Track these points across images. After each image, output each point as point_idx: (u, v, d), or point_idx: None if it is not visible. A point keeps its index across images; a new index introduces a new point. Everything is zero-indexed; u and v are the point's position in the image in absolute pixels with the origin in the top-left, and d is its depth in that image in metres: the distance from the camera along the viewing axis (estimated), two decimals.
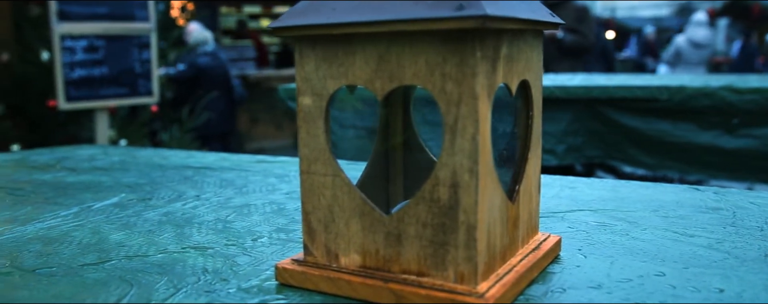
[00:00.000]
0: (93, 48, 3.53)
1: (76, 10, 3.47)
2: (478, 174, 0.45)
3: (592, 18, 3.99)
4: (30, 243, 0.67)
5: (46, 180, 1.01)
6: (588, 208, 0.77)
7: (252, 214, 0.77)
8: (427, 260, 0.48)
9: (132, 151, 1.30)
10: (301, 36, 0.50)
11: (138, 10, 3.67)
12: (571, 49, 3.76)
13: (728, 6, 11.41)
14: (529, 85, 0.54)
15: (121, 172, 1.07)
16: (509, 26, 0.46)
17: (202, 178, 1.00)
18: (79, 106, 3.55)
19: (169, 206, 0.82)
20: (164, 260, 0.60)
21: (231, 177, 1.00)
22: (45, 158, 1.25)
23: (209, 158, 1.19)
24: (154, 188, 0.93)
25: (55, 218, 0.77)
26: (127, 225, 0.73)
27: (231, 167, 1.08)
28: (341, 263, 0.52)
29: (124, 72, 3.65)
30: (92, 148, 1.38)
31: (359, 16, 0.46)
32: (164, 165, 1.12)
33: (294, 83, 2.33)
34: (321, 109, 0.51)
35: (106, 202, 0.85)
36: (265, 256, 0.61)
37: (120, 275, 0.56)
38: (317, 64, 0.50)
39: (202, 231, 0.70)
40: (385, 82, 0.48)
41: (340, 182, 0.51)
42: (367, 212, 0.50)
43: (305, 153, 0.52)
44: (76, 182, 0.99)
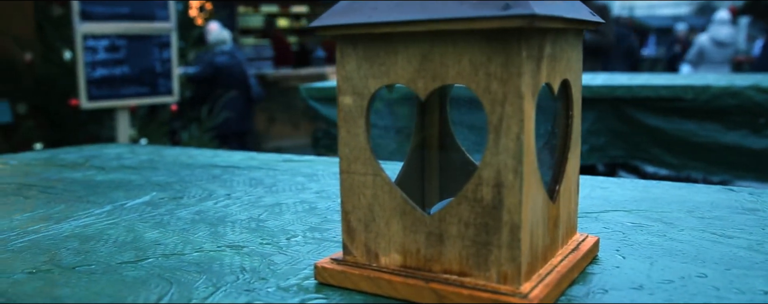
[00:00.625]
0: (114, 47, 3.56)
1: (98, 10, 3.50)
2: (523, 174, 0.45)
3: (611, 18, 3.97)
4: (67, 241, 0.68)
5: (76, 178, 1.02)
6: (621, 208, 0.76)
7: (284, 213, 0.77)
8: (470, 259, 0.48)
9: (159, 149, 1.31)
10: (342, 35, 0.50)
11: (158, 9, 3.70)
12: (590, 48, 3.74)
13: (749, 4, 11.28)
14: (569, 84, 0.54)
15: (150, 170, 1.08)
16: (553, 25, 0.46)
17: (231, 177, 1.00)
18: (101, 106, 3.58)
19: (200, 204, 0.82)
20: (201, 258, 0.60)
21: (259, 176, 1.00)
22: (73, 156, 1.26)
23: (236, 157, 1.19)
24: (184, 186, 0.94)
25: (89, 216, 0.78)
26: (160, 224, 0.73)
27: (258, 166, 1.09)
28: (381, 263, 0.51)
29: (145, 71, 3.68)
30: (119, 146, 1.39)
31: (402, 15, 0.46)
32: (192, 164, 1.13)
33: (314, 83, 2.34)
34: (362, 109, 0.51)
35: (137, 200, 0.85)
36: (301, 255, 0.61)
37: (158, 274, 0.56)
38: (358, 63, 0.50)
39: (236, 230, 0.70)
40: (427, 82, 0.47)
41: (381, 181, 0.51)
42: (408, 212, 0.50)
43: (345, 152, 0.52)
44: (107, 181, 1.00)
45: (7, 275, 0.57)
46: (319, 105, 2.34)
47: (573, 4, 0.51)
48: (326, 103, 2.33)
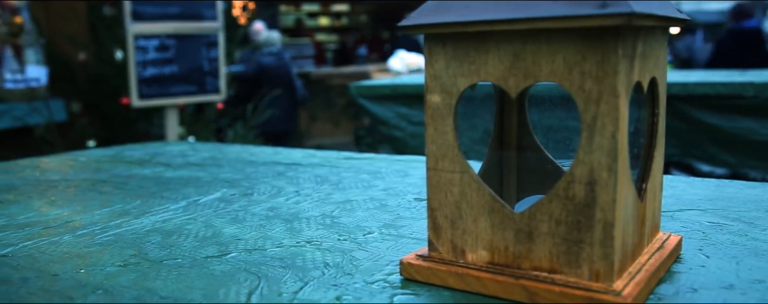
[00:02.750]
0: (164, 47, 3.64)
1: (149, 10, 3.58)
2: (617, 172, 0.45)
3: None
4: (149, 235, 0.70)
5: (146, 175, 1.05)
6: (696, 207, 0.75)
7: (355, 210, 0.78)
8: (560, 257, 0.48)
9: (220, 147, 1.34)
10: (431, 34, 0.51)
11: (206, 9, 3.76)
12: None
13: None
14: (657, 82, 0.53)
15: (215, 168, 1.10)
16: (647, 23, 0.46)
17: (296, 174, 1.02)
18: (151, 104, 3.66)
19: (271, 201, 0.84)
20: (283, 253, 0.62)
21: (324, 173, 1.01)
22: (138, 153, 1.29)
23: (296, 154, 1.21)
24: (252, 183, 0.95)
25: (166, 211, 0.80)
26: (236, 219, 0.75)
27: (321, 163, 1.10)
28: (468, 259, 0.52)
29: (193, 70, 3.74)
30: (180, 144, 1.42)
31: (495, 14, 0.47)
32: (254, 161, 1.15)
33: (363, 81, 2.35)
34: (450, 107, 0.51)
35: (210, 197, 0.87)
36: (381, 251, 0.62)
37: (245, 268, 0.58)
38: (447, 62, 0.51)
39: (312, 226, 0.71)
40: (519, 80, 0.48)
41: (469, 178, 0.51)
42: (496, 209, 0.50)
43: (433, 150, 0.53)
44: (176, 177, 1.02)
45: (99, 267, 0.60)
46: (369, 103, 2.36)
47: (663, 2, 0.51)
48: (375, 101, 2.35)
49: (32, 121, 3.67)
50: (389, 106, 2.33)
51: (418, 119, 2.31)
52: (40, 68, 3.86)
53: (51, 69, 3.91)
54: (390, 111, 2.33)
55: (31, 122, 3.67)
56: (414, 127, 2.31)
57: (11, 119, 3.66)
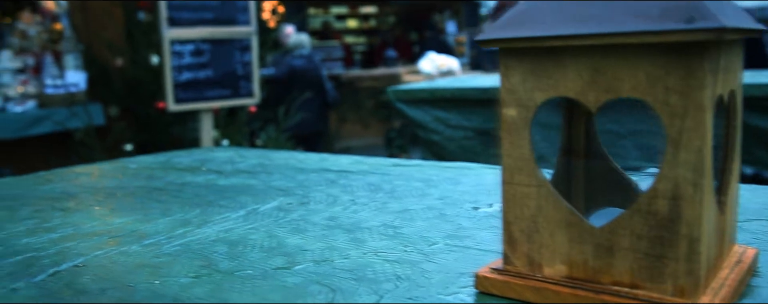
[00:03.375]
0: (199, 52, 3.68)
1: (184, 15, 3.63)
2: (703, 187, 0.44)
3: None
4: (215, 245, 0.71)
5: (199, 182, 1.07)
6: (764, 217, 0.74)
7: (414, 219, 0.78)
8: (642, 272, 0.47)
9: (266, 154, 1.35)
10: (507, 48, 0.51)
11: (240, 14, 3.80)
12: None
13: None
14: (735, 95, 0.53)
15: (265, 175, 1.11)
16: (732, 37, 0.45)
17: (348, 182, 1.02)
18: (187, 108, 3.70)
19: (329, 210, 0.84)
20: (351, 265, 0.62)
21: (376, 181, 1.02)
22: (187, 160, 1.31)
23: (344, 161, 1.22)
24: (306, 191, 0.96)
25: (226, 220, 0.81)
26: (298, 229, 0.76)
27: (370, 171, 1.11)
28: (545, 273, 0.52)
29: (227, 74, 3.78)
30: (226, 150, 1.44)
31: (574, 29, 0.47)
32: (304, 169, 1.16)
33: (401, 85, 2.35)
34: (526, 121, 0.51)
35: (267, 205, 0.88)
36: (449, 263, 0.62)
37: (316, 280, 0.59)
38: (524, 76, 0.51)
39: (374, 236, 0.72)
40: (599, 95, 0.48)
41: (546, 192, 0.51)
42: (574, 223, 0.50)
43: (508, 163, 0.53)
44: (229, 185, 1.03)
45: (173, 278, 0.61)
46: (406, 107, 2.37)
47: (741, 12, 0.50)
48: (413, 105, 2.35)
49: (72, 125, 3.75)
50: (427, 110, 2.34)
51: (455, 123, 2.31)
52: (79, 73, 3.93)
53: (89, 74, 3.98)
54: (428, 115, 2.34)
55: (71, 126, 3.74)
56: (451, 131, 2.32)
57: (52, 123, 3.73)
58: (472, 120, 2.29)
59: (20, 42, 4.00)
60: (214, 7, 3.74)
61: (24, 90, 3.82)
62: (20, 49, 3.98)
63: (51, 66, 3.99)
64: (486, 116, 2.25)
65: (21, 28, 4.02)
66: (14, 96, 3.77)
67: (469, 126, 2.29)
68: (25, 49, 4.00)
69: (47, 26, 4.12)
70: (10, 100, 3.75)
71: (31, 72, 3.95)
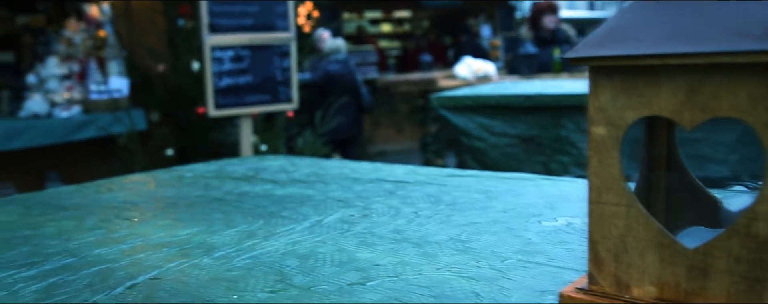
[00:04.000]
0: (239, 58, 3.72)
1: (225, 22, 3.67)
2: None
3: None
4: (285, 259, 0.71)
5: (257, 192, 1.08)
6: None
7: (481, 233, 0.78)
8: (740, 295, 0.46)
9: (318, 163, 1.36)
10: (596, 66, 0.50)
11: (279, 20, 3.83)
12: None
13: None
14: None
15: (322, 185, 1.11)
16: None
17: (407, 192, 1.02)
18: (227, 113, 3.75)
19: (393, 222, 0.84)
20: (427, 281, 0.62)
21: (434, 192, 1.01)
22: (240, 169, 1.33)
23: (398, 171, 1.22)
24: (366, 203, 0.96)
25: (292, 232, 0.82)
26: (365, 243, 0.76)
27: (427, 181, 1.10)
28: (634, 294, 0.51)
29: (267, 80, 3.82)
30: (277, 158, 1.45)
31: (672, 48, 0.46)
32: (359, 178, 1.16)
33: (444, 92, 2.34)
34: (616, 140, 0.51)
35: (330, 217, 0.88)
36: (526, 280, 0.61)
37: (395, 297, 0.58)
38: (614, 94, 0.50)
39: (445, 251, 0.71)
40: (696, 114, 0.47)
41: (636, 212, 0.50)
42: (665, 244, 0.49)
43: (596, 183, 0.52)
44: (287, 195, 1.04)
45: (250, 293, 0.61)
46: (450, 114, 2.36)
47: None
48: (457, 111, 2.35)
49: (115, 130, 3.82)
50: (470, 117, 2.33)
51: (499, 130, 2.30)
52: (122, 79, 4.01)
53: (132, 80, 4.05)
54: (471, 122, 2.33)
55: (114, 131, 3.81)
56: (495, 138, 2.30)
57: (96, 129, 3.81)
58: (516, 127, 2.27)
59: (66, 49, 4.10)
60: (253, 13, 3.78)
61: (70, 96, 3.90)
62: (66, 56, 4.08)
63: (95, 72, 4.08)
64: (530, 123, 2.23)
65: (67, 36, 4.11)
66: (60, 102, 3.86)
67: (513, 133, 2.27)
68: (70, 55, 4.09)
69: (92, 33, 4.21)
70: (56, 106, 3.84)
71: (77, 78, 4.04)
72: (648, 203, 0.63)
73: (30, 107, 3.82)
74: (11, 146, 3.66)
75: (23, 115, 3.87)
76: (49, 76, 3.98)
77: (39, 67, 4.06)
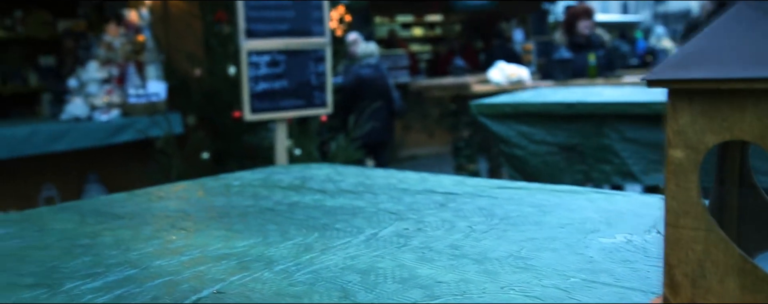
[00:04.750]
0: (275, 63, 3.76)
1: (261, 27, 3.71)
2: None
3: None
4: (345, 274, 0.71)
5: (308, 203, 1.08)
6: None
7: (541, 249, 0.77)
8: None
9: (363, 171, 1.36)
10: (676, 89, 0.50)
11: (315, 25, 3.85)
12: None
13: None
14: None
15: (371, 196, 1.12)
16: None
17: (458, 205, 1.02)
18: (262, 118, 3.78)
19: (449, 237, 0.84)
20: (493, 301, 0.62)
21: (486, 205, 1.01)
22: (287, 177, 1.33)
23: (446, 181, 1.21)
24: (419, 216, 0.96)
25: (348, 246, 0.82)
26: (424, 258, 0.76)
27: (476, 193, 1.10)
28: None
29: (302, 84, 3.84)
30: (322, 167, 1.45)
31: (758, 72, 0.45)
32: (407, 189, 1.16)
33: (483, 99, 2.31)
34: (694, 163, 0.50)
35: (385, 230, 0.89)
36: (593, 301, 0.61)
37: None
38: (693, 117, 0.49)
39: (505, 268, 0.71)
40: None
41: (715, 237, 0.49)
42: (747, 270, 0.48)
43: (673, 206, 0.51)
44: (338, 207, 1.04)
45: None
46: (489, 121, 2.35)
47: None
48: (496, 119, 2.34)
49: (153, 133, 3.87)
50: (510, 125, 2.32)
51: (539, 138, 2.28)
52: (159, 83, 4.07)
53: (169, 84, 4.11)
54: (511, 129, 2.32)
55: (152, 134, 3.86)
56: (535, 146, 2.29)
57: (134, 132, 3.87)
58: (557, 136, 2.26)
59: (106, 53, 4.17)
60: (290, 18, 3.81)
61: (109, 99, 3.97)
62: (106, 60, 4.15)
63: (134, 76, 4.14)
64: (571, 132, 2.21)
65: (107, 40, 4.19)
66: (100, 105, 3.93)
67: (554, 142, 2.25)
68: (110, 60, 4.16)
69: (131, 38, 4.28)
70: (96, 110, 3.91)
71: (116, 82, 4.11)
72: (721, 222, 0.61)
73: (71, 111, 3.90)
74: (53, 149, 3.73)
75: (64, 118, 3.95)
76: (90, 80, 4.05)
77: (80, 71, 4.14)
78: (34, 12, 5.81)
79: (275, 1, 3.77)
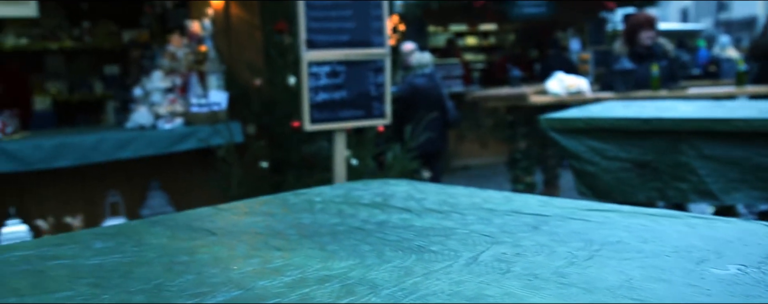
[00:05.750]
0: (335, 73, 3.78)
1: (322, 38, 3.74)
2: None
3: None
4: (454, 301, 0.71)
5: (396, 222, 1.08)
6: None
7: (652, 280, 0.75)
8: None
9: (444, 189, 1.35)
10: None
11: (375, 36, 3.87)
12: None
13: None
14: None
15: (459, 216, 1.11)
16: None
17: (551, 228, 1.00)
18: (322, 128, 3.81)
19: (551, 263, 0.82)
20: None
21: (580, 229, 0.99)
22: (366, 194, 1.33)
23: (531, 201, 1.20)
24: (514, 239, 0.95)
25: (450, 271, 0.81)
26: (532, 286, 0.74)
27: (566, 215, 1.08)
28: None
29: (361, 95, 3.86)
30: (399, 184, 1.45)
31: None
32: (494, 210, 1.14)
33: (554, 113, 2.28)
34: None
35: (484, 254, 0.87)
36: None
37: None
38: None
39: (619, 298, 0.69)
40: None
41: None
42: None
43: None
44: (429, 227, 1.04)
45: None
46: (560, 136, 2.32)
47: None
48: (567, 134, 2.30)
49: (214, 142, 3.94)
50: (581, 140, 2.28)
51: (612, 154, 2.23)
52: (221, 93, 4.14)
53: (230, 94, 4.18)
54: (582, 145, 2.28)
55: (213, 143, 3.93)
56: (607, 163, 2.24)
57: (196, 140, 3.95)
58: (630, 151, 2.21)
59: (170, 63, 4.27)
60: (350, 29, 3.84)
61: (172, 108, 4.06)
62: (170, 70, 4.25)
63: (196, 86, 4.23)
64: (646, 148, 2.16)
65: (171, 50, 4.29)
66: (164, 114, 4.02)
67: (627, 158, 2.20)
68: (173, 69, 4.26)
69: (194, 48, 4.38)
70: (160, 118, 4.00)
71: (179, 91, 4.20)
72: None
73: (136, 119, 4.00)
74: (119, 156, 3.84)
75: (129, 126, 4.06)
76: (154, 89, 4.16)
77: (145, 81, 4.25)
78: (100, 23, 6.00)
79: (336, 12, 3.80)
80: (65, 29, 5.97)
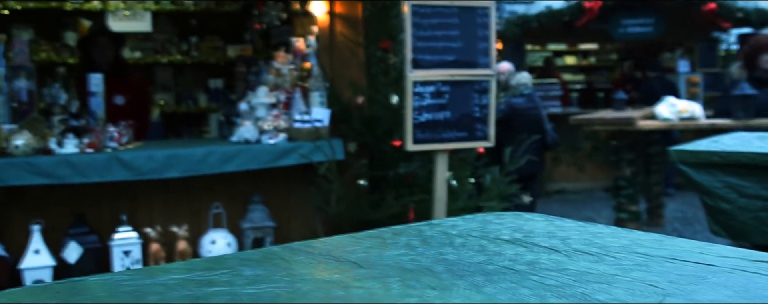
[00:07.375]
0: (439, 93, 3.76)
1: (427, 58, 3.73)
2: None
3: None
4: None
5: (548, 265, 1.03)
6: None
7: None
8: None
9: (582, 226, 1.29)
10: None
11: (481, 56, 3.83)
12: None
13: None
14: None
15: (612, 259, 1.04)
16: None
17: (721, 280, 0.92)
18: (424, 148, 3.79)
19: None
20: None
21: (751, 283, 0.91)
22: (502, 228, 1.29)
23: (687, 247, 1.12)
24: (685, 292, 0.88)
25: None
26: None
27: (735, 266, 1.00)
28: None
29: (464, 116, 3.82)
30: (534, 217, 1.39)
31: None
32: (647, 254, 1.07)
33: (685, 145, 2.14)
34: None
35: None
36: None
37: None
38: None
39: None
40: None
41: None
42: None
43: None
44: (586, 272, 0.98)
45: None
46: (692, 170, 2.19)
47: None
48: (700, 168, 2.17)
49: (315, 158, 3.99)
50: (716, 175, 2.14)
51: (752, 192, 2.09)
52: (323, 110, 4.20)
53: (332, 111, 4.23)
54: (717, 180, 2.14)
55: (314, 159, 3.98)
56: (745, 200, 2.10)
57: (298, 156, 4.01)
58: None
59: (275, 79, 4.37)
60: (456, 49, 3.81)
61: (276, 124, 4.15)
62: (274, 86, 4.35)
63: (299, 102, 4.31)
64: None
65: (276, 66, 4.39)
66: (268, 129, 4.11)
67: None
68: (278, 85, 4.36)
69: (298, 65, 4.47)
70: (264, 133, 4.09)
71: (282, 107, 4.29)
72: None
73: (242, 133, 4.11)
74: (224, 169, 3.95)
75: (235, 140, 4.17)
76: (259, 104, 4.26)
77: (250, 96, 4.36)
78: (207, 38, 6.24)
79: (443, 32, 3.78)
80: (174, 43, 6.25)
